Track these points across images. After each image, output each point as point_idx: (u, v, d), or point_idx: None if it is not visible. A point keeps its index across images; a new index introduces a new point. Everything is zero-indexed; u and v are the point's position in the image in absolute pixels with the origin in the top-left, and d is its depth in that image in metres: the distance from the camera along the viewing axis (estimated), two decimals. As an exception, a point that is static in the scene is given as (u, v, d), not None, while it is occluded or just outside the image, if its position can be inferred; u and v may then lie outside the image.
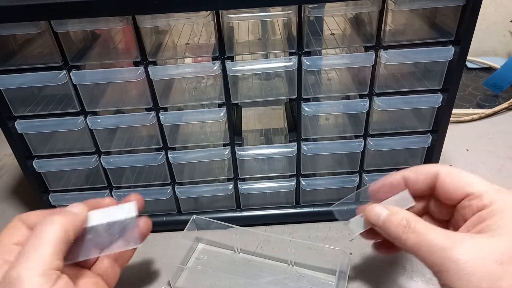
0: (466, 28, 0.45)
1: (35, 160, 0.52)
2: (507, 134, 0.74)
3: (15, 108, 0.49)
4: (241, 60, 0.47)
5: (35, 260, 0.30)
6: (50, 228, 0.32)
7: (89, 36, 0.53)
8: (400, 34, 0.50)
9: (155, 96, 0.49)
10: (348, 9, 0.45)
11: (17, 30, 0.44)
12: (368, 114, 0.51)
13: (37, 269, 0.29)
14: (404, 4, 0.44)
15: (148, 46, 0.46)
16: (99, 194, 0.56)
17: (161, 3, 0.41)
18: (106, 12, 0.42)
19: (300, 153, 0.54)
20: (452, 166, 0.36)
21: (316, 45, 0.48)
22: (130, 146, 0.54)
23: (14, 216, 0.36)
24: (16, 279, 0.28)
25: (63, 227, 0.32)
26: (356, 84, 0.52)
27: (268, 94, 0.52)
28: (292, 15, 0.44)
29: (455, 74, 0.48)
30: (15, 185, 0.70)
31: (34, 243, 0.31)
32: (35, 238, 0.31)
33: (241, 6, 0.43)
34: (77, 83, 0.47)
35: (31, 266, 0.29)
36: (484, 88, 0.86)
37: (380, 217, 0.36)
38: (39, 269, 0.29)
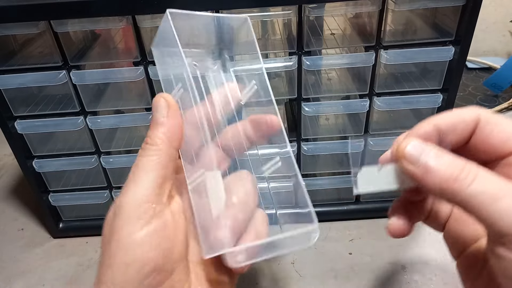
0: (466, 28, 0.45)
1: (35, 160, 0.52)
2: (507, 134, 0.74)
3: (15, 108, 0.49)
4: (241, 60, 0.47)
5: (134, 192, 0.26)
6: (149, 159, 0.28)
7: (89, 36, 0.53)
8: (400, 34, 0.50)
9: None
10: (348, 9, 0.45)
11: (17, 30, 0.44)
12: (368, 114, 0.51)
13: (134, 201, 0.26)
14: (404, 4, 0.44)
15: (148, 46, 0.46)
16: (99, 194, 0.56)
17: (161, 3, 0.41)
18: (106, 12, 0.42)
19: (300, 153, 0.54)
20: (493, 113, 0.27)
21: (316, 45, 0.48)
22: (130, 146, 0.54)
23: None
24: (117, 207, 0.26)
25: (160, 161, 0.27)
26: (356, 84, 0.52)
27: (268, 94, 0.52)
28: (292, 15, 0.44)
29: (455, 74, 0.48)
30: (15, 185, 0.70)
31: (135, 173, 0.27)
32: (136, 168, 0.28)
33: (241, 6, 0.43)
34: (77, 83, 0.47)
35: (130, 196, 0.26)
36: (484, 88, 0.86)
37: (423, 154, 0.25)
38: (135, 202, 0.26)
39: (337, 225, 0.56)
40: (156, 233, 0.25)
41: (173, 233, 0.27)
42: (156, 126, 0.28)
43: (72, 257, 0.56)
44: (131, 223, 0.25)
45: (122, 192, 0.26)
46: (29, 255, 0.57)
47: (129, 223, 0.25)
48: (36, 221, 0.62)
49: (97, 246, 0.57)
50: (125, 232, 0.25)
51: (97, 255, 0.56)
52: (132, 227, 0.25)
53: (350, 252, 0.52)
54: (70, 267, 0.54)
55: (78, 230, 0.59)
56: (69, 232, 0.59)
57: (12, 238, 0.59)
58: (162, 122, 0.28)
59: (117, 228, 0.25)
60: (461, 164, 0.23)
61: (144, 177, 0.26)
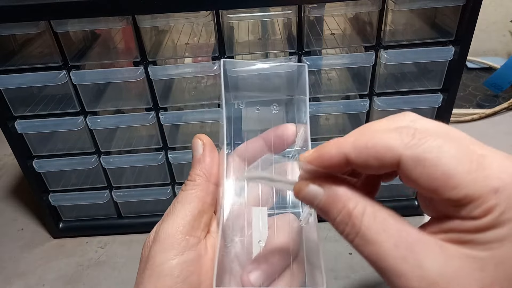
0: (466, 28, 0.45)
1: (35, 160, 0.52)
2: (507, 134, 0.74)
3: (15, 108, 0.49)
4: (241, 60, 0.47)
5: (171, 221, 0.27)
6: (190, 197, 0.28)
7: (89, 36, 0.53)
8: (400, 34, 0.50)
9: (155, 96, 0.48)
10: (348, 9, 0.45)
11: (17, 30, 0.44)
12: (368, 114, 0.51)
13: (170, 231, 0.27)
14: (404, 4, 0.44)
15: (148, 46, 0.46)
16: (99, 194, 0.56)
17: (161, 3, 0.41)
18: (106, 12, 0.42)
19: (300, 153, 0.54)
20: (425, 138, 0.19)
21: (316, 45, 0.48)
22: (130, 146, 0.54)
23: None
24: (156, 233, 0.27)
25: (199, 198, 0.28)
26: (356, 84, 0.52)
27: (268, 94, 0.52)
28: (292, 15, 0.44)
29: (455, 74, 0.48)
30: (15, 185, 0.70)
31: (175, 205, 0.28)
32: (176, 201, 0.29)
33: (241, 6, 0.43)
34: (77, 83, 0.47)
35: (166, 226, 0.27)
36: (484, 88, 0.86)
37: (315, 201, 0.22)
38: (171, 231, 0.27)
39: (337, 225, 0.56)
40: (187, 265, 0.26)
41: (203, 268, 0.27)
42: (194, 164, 0.30)
43: (72, 257, 0.56)
44: (166, 252, 0.26)
45: (162, 220, 0.28)
46: (29, 255, 0.57)
47: (164, 251, 0.26)
48: (36, 221, 0.62)
49: (97, 246, 0.57)
50: (158, 259, 0.26)
51: (97, 255, 0.56)
52: (165, 256, 0.26)
53: (350, 252, 0.52)
54: (70, 267, 0.54)
55: (78, 230, 0.59)
56: (69, 232, 0.59)
57: (12, 238, 0.59)
58: (199, 159, 0.30)
59: (153, 254, 0.26)
60: None
61: (181, 209, 0.28)
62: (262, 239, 0.28)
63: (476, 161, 0.18)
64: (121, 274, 0.46)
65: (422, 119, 0.21)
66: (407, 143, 0.19)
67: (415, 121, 0.20)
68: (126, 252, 0.56)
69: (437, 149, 0.18)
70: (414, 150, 0.18)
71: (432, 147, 0.18)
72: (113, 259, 0.55)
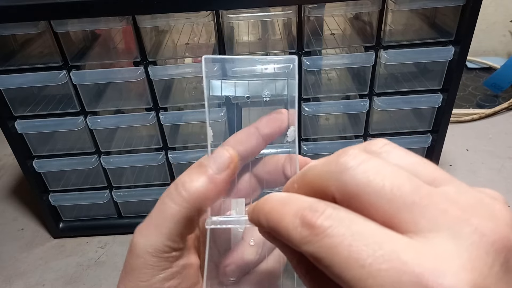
0: (466, 28, 0.45)
1: (35, 160, 0.52)
2: (507, 134, 0.74)
3: (15, 108, 0.49)
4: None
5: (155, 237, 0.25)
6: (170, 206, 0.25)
7: (89, 36, 0.53)
8: (400, 34, 0.50)
9: (155, 96, 0.48)
10: (348, 9, 0.45)
11: (17, 30, 0.44)
12: (368, 114, 0.51)
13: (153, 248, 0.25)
14: (404, 4, 0.44)
15: (148, 46, 0.46)
16: (99, 194, 0.56)
17: (161, 3, 0.41)
18: (106, 12, 0.42)
19: (300, 153, 0.54)
20: None
21: (316, 45, 0.48)
22: (130, 146, 0.54)
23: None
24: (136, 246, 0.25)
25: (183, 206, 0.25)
26: (356, 84, 0.52)
27: (268, 94, 0.52)
28: (292, 15, 0.44)
29: (455, 74, 0.48)
30: (15, 185, 0.70)
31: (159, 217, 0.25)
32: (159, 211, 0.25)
33: (241, 6, 0.43)
34: (77, 83, 0.47)
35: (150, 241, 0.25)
36: (484, 88, 0.86)
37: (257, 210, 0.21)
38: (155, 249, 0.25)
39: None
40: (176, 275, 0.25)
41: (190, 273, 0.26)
42: (201, 173, 0.24)
43: (72, 257, 0.56)
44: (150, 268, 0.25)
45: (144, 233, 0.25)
46: (29, 255, 0.57)
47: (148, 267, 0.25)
48: (36, 221, 0.62)
49: (97, 246, 0.57)
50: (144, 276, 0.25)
51: (97, 255, 0.56)
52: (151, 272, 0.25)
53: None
54: (70, 267, 0.54)
55: (78, 230, 0.59)
56: (69, 232, 0.59)
57: (12, 238, 0.59)
58: (210, 176, 0.24)
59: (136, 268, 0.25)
60: None
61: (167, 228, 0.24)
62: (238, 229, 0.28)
63: (373, 263, 0.15)
64: (121, 274, 0.46)
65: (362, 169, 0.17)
66: (305, 236, 0.17)
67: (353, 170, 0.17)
68: (126, 252, 0.56)
69: (331, 250, 0.16)
70: (309, 247, 0.17)
71: (326, 246, 0.16)
72: (113, 259, 0.55)
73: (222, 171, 0.24)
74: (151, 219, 0.25)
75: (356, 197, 0.17)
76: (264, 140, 0.29)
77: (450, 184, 0.17)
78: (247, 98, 0.31)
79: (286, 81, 0.30)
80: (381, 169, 0.17)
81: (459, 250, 0.14)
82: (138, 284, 0.25)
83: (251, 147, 0.28)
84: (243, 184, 0.30)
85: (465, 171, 0.65)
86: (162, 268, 0.25)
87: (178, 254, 0.25)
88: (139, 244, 0.25)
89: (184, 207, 0.24)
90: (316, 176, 0.18)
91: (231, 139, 0.29)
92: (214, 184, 0.24)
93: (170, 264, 0.25)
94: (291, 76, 0.29)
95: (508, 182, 0.63)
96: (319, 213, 0.17)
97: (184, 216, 0.24)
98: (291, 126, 0.29)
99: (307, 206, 0.17)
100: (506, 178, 0.64)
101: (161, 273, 0.25)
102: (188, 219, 0.24)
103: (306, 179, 0.19)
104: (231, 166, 0.25)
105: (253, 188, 0.30)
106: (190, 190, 0.24)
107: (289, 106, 0.30)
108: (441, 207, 0.15)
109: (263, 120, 0.29)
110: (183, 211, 0.24)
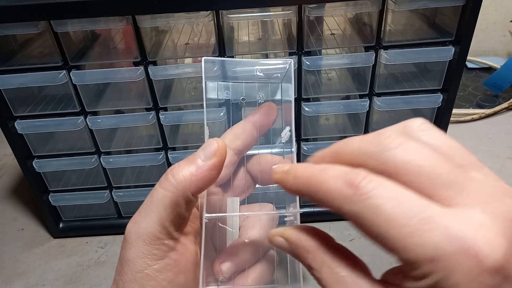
0: (466, 28, 0.45)
1: (35, 160, 0.52)
2: (507, 134, 0.74)
3: (15, 108, 0.49)
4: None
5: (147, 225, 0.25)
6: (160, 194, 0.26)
7: (89, 36, 0.53)
8: (400, 34, 0.50)
9: (155, 96, 0.48)
10: (348, 9, 0.45)
11: (17, 30, 0.44)
12: (368, 114, 0.51)
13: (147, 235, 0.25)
14: (404, 4, 0.44)
15: (148, 46, 0.46)
16: (99, 194, 0.56)
17: (161, 3, 0.41)
18: (106, 12, 0.42)
19: (300, 153, 0.54)
20: None
21: (316, 45, 0.48)
22: (130, 146, 0.54)
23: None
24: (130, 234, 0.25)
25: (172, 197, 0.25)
26: (356, 84, 0.52)
27: (268, 94, 0.52)
28: (292, 15, 0.44)
29: (455, 74, 0.48)
30: (15, 185, 0.70)
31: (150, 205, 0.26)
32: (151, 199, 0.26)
33: (241, 6, 0.43)
34: (77, 83, 0.47)
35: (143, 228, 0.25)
36: (484, 88, 0.86)
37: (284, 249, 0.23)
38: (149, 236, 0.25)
39: (337, 225, 0.56)
40: (171, 267, 0.25)
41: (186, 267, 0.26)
42: (190, 162, 0.26)
43: (72, 257, 0.56)
44: (145, 257, 0.25)
45: (136, 219, 0.26)
46: (29, 255, 0.57)
47: (143, 256, 0.25)
48: (36, 221, 0.62)
49: (97, 246, 0.57)
50: (139, 265, 0.25)
51: (97, 255, 0.56)
52: (145, 262, 0.25)
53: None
54: (70, 267, 0.54)
55: (78, 230, 0.59)
56: (69, 232, 0.59)
57: (12, 238, 0.59)
58: (197, 164, 0.25)
59: (131, 258, 0.25)
60: None
61: (157, 213, 0.25)
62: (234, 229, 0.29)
63: (416, 223, 0.16)
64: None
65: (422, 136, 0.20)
66: (349, 196, 0.18)
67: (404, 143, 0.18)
68: (126, 252, 0.56)
69: (375, 209, 0.17)
70: (352, 206, 0.18)
71: (370, 206, 0.17)
72: (113, 259, 0.55)
73: (209, 159, 0.25)
74: (142, 206, 0.26)
75: (395, 174, 0.18)
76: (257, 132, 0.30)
77: (481, 170, 0.18)
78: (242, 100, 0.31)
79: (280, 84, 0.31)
80: (419, 150, 0.18)
81: (493, 222, 0.16)
82: (134, 276, 0.25)
83: (247, 139, 0.30)
84: (239, 180, 0.31)
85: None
86: (156, 258, 0.25)
87: (171, 244, 0.26)
88: (131, 231, 0.26)
89: (171, 191, 0.25)
90: (354, 152, 0.19)
91: (227, 134, 0.30)
92: (200, 170, 0.25)
93: (164, 254, 0.25)
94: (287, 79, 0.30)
95: (508, 182, 0.63)
96: (362, 176, 0.18)
97: (172, 200, 0.25)
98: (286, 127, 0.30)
99: (349, 171, 0.18)
100: (506, 178, 0.64)
101: (156, 264, 0.25)
102: (176, 204, 0.25)
103: (342, 153, 0.20)
104: (217, 154, 0.25)
105: (248, 184, 0.31)
106: (178, 176, 0.25)
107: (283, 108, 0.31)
108: (474, 187, 0.17)
109: (256, 114, 0.30)
110: (170, 195, 0.25)
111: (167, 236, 0.25)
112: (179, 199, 0.25)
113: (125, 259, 0.25)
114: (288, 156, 0.31)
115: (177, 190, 0.25)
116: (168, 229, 0.25)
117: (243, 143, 0.30)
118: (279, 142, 0.31)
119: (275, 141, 0.32)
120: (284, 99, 0.31)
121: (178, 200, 0.25)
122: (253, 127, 0.30)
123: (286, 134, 0.30)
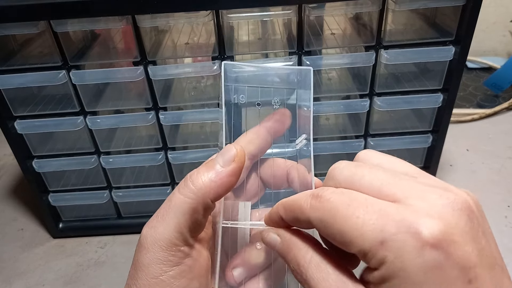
0: (466, 28, 0.45)
1: (34, 160, 0.52)
2: (507, 134, 0.74)
3: (15, 108, 0.49)
4: (241, 60, 0.47)
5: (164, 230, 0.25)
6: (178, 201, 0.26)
7: (88, 36, 0.53)
8: (401, 34, 0.50)
9: (154, 96, 0.48)
10: (348, 8, 0.45)
11: (17, 30, 0.44)
12: (368, 114, 0.51)
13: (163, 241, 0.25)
14: (404, 4, 0.44)
15: (148, 46, 0.46)
16: (99, 194, 0.56)
17: (161, 3, 0.41)
18: (106, 12, 0.42)
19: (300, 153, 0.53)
20: None
21: (316, 44, 0.48)
22: (130, 146, 0.54)
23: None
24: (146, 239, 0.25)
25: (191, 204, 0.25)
26: (356, 84, 0.52)
27: (268, 94, 0.52)
28: (292, 14, 0.44)
29: (455, 74, 0.48)
30: (15, 185, 0.70)
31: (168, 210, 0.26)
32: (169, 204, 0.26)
33: (241, 6, 0.43)
34: (77, 83, 0.47)
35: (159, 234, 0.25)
36: (484, 88, 0.86)
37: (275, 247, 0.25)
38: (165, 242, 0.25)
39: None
40: (186, 273, 0.25)
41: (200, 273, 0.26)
42: (209, 168, 0.26)
43: (72, 257, 0.56)
44: (161, 263, 0.25)
45: (153, 224, 0.26)
46: (29, 255, 0.57)
47: (159, 262, 0.25)
48: (36, 221, 0.62)
49: (97, 246, 0.57)
50: (154, 271, 0.25)
51: (97, 255, 0.56)
52: (161, 268, 0.25)
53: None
54: (70, 267, 0.54)
55: (78, 230, 0.59)
56: (69, 232, 0.59)
57: (12, 238, 0.59)
58: (217, 170, 0.26)
59: (146, 263, 0.25)
60: None
61: (175, 219, 0.25)
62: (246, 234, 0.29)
63: (365, 214, 0.19)
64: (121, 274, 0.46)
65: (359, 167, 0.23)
66: (314, 204, 0.22)
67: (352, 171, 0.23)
68: (126, 252, 0.56)
69: (334, 210, 0.20)
70: (317, 212, 0.21)
71: (330, 208, 0.21)
72: (113, 259, 0.55)
73: (228, 164, 0.26)
74: (160, 211, 0.26)
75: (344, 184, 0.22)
76: (271, 137, 0.31)
77: (420, 174, 0.22)
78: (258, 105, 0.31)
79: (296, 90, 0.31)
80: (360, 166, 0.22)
81: (431, 207, 0.19)
82: (148, 282, 0.25)
83: (261, 145, 0.30)
84: (250, 184, 0.31)
85: (465, 171, 0.65)
86: (172, 264, 0.25)
87: (187, 251, 0.26)
88: (147, 236, 0.26)
89: (191, 198, 0.25)
90: (298, 208, 0.23)
91: (241, 139, 0.30)
92: (220, 177, 0.25)
93: (180, 261, 0.25)
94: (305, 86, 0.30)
95: (508, 182, 0.63)
96: (325, 189, 0.22)
97: (191, 207, 0.25)
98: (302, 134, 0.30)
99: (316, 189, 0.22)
100: (506, 178, 0.64)
101: (171, 270, 0.25)
102: (195, 211, 0.25)
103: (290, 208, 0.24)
104: (236, 160, 0.26)
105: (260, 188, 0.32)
106: (197, 182, 0.25)
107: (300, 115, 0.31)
108: (411, 184, 0.20)
109: (270, 120, 0.30)
110: (190, 202, 0.25)
111: (184, 243, 0.25)
112: (198, 206, 0.25)
113: (140, 264, 0.25)
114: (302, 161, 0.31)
115: (197, 197, 0.25)
116: (185, 236, 0.25)
117: (257, 148, 0.30)
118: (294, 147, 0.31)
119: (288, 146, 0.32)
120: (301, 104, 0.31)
121: (197, 206, 0.25)
122: (267, 132, 0.30)
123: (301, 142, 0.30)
